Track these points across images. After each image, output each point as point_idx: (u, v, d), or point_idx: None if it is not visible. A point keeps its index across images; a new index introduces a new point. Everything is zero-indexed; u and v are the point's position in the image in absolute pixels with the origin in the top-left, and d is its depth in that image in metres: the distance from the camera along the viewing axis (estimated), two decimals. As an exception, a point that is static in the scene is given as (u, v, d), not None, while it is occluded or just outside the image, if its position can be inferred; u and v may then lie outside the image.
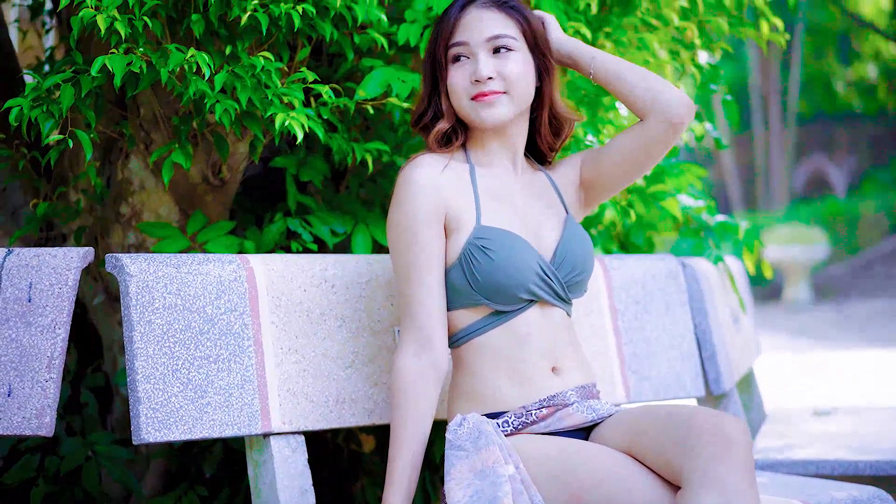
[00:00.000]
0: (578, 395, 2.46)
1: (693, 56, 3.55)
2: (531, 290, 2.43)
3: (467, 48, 2.47)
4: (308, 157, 3.03)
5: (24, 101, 2.51)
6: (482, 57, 2.45)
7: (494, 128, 2.49)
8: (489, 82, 2.45)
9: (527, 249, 2.44)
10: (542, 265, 2.44)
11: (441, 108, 2.52)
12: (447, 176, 2.47)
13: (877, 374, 9.19)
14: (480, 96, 2.45)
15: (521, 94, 2.48)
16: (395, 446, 2.38)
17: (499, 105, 2.46)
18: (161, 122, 2.89)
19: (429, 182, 2.45)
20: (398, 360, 2.42)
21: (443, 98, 2.52)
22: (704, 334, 3.36)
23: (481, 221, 2.44)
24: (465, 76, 2.47)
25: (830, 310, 16.21)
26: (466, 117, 2.50)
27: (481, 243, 2.41)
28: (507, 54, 2.46)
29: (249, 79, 2.56)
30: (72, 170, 3.07)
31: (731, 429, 2.14)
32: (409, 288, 2.43)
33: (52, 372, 2.31)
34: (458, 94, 2.48)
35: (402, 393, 2.39)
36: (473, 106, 2.47)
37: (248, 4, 2.53)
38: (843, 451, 3.20)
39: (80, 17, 2.44)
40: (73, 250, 2.37)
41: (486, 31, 2.46)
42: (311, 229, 2.94)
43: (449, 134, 2.54)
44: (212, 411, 2.40)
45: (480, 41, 2.46)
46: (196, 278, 2.44)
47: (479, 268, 2.40)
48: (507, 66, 2.45)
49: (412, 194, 2.44)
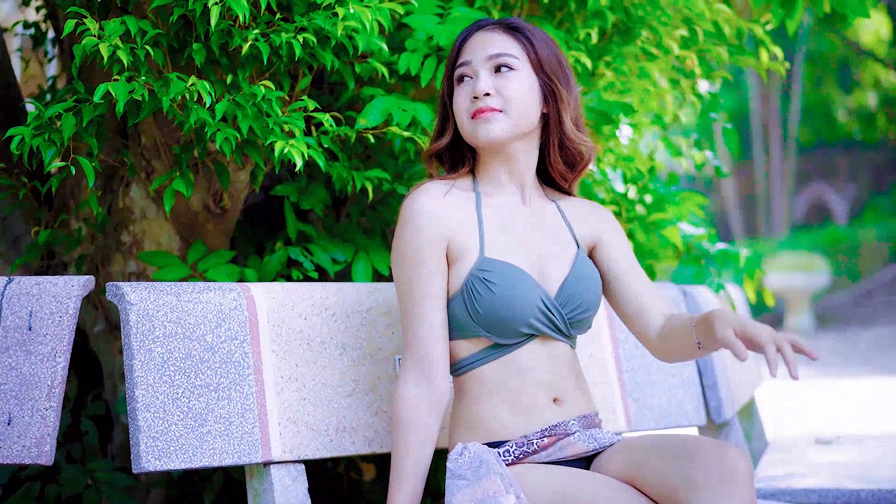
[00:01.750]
0: (580, 424, 2.45)
1: (693, 85, 3.56)
2: (532, 324, 2.41)
3: (470, 67, 2.46)
4: (309, 185, 3.04)
5: (26, 130, 2.52)
6: (482, 74, 2.44)
7: (493, 146, 2.46)
8: (486, 98, 2.42)
9: (530, 284, 2.41)
10: (544, 300, 2.42)
11: (446, 132, 2.52)
12: (451, 204, 2.46)
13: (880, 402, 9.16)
14: (478, 113, 2.43)
15: (521, 114, 2.45)
16: (395, 476, 2.37)
17: (494, 122, 2.43)
18: (162, 151, 2.90)
19: (432, 210, 2.43)
20: (399, 390, 2.41)
21: (448, 121, 2.52)
22: (706, 362, 3.35)
23: (485, 253, 2.42)
24: (467, 95, 2.45)
25: (832, 338, 16.18)
26: (468, 137, 2.47)
27: (483, 275, 2.39)
28: (508, 73, 2.44)
29: (250, 107, 2.57)
30: (73, 198, 3.08)
31: (734, 460, 2.13)
32: (411, 317, 2.42)
33: (52, 400, 2.30)
34: (461, 113, 2.46)
35: (403, 422, 2.39)
36: (473, 124, 2.44)
37: (250, 34, 2.54)
38: (845, 480, 3.18)
39: (83, 45, 2.45)
40: (73, 279, 2.37)
41: (488, 49, 2.45)
42: (312, 257, 2.94)
43: (455, 157, 2.54)
44: (212, 440, 2.39)
45: (482, 59, 2.44)
46: (196, 307, 2.44)
47: (481, 300, 2.38)
48: (507, 83, 2.43)
49: (415, 224, 2.43)
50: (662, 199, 3.58)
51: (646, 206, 3.68)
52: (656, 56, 3.34)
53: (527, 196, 2.54)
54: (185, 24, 2.62)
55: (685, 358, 2.42)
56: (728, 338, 2.15)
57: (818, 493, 3.10)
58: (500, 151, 2.48)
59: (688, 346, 2.35)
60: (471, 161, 2.53)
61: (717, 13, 3.45)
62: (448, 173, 2.53)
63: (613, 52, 3.24)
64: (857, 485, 3.09)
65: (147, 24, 2.54)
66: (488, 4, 3.01)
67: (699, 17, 3.34)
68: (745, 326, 2.15)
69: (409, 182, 3.07)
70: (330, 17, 2.61)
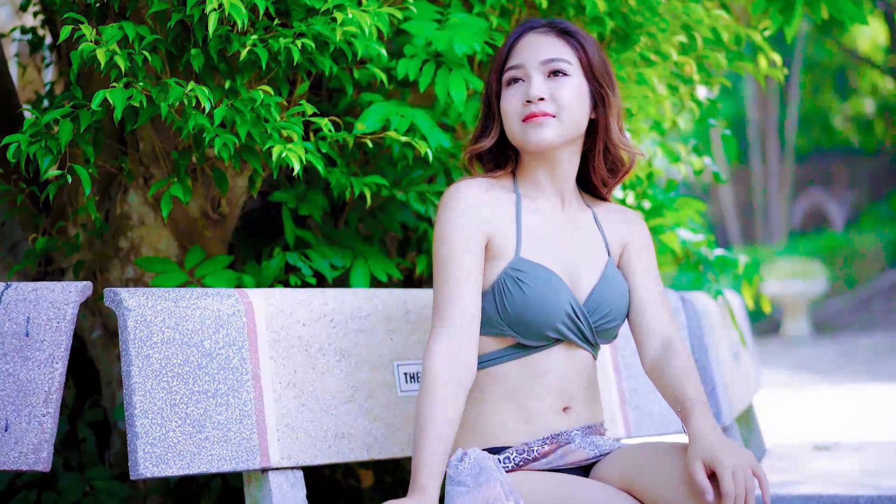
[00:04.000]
0: (582, 433, 2.44)
1: (692, 91, 3.56)
2: (559, 329, 2.40)
3: (522, 71, 2.45)
4: (307, 191, 3.04)
5: (23, 137, 2.51)
6: (536, 78, 2.43)
7: (541, 151, 2.45)
8: (540, 103, 2.41)
9: (561, 288, 2.40)
10: (574, 306, 2.41)
11: (488, 132, 2.51)
12: (492, 199, 2.45)
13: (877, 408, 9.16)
14: (531, 117, 2.42)
15: (573, 119, 2.44)
16: (422, 428, 2.28)
17: (547, 127, 2.42)
18: (160, 157, 2.89)
19: (475, 201, 2.43)
20: (429, 349, 2.35)
21: (494, 121, 2.51)
22: (704, 369, 3.35)
23: (520, 253, 2.42)
24: (519, 98, 2.44)
25: (830, 344, 16.19)
26: (517, 140, 2.46)
27: (517, 275, 2.39)
28: (561, 79, 2.44)
29: (249, 113, 2.57)
30: (71, 204, 3.07)
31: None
32: (447, 293, 2.38)
33: (49, 407, 2.30)
34: (511, 116, 2.45)
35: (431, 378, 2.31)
36: (523, 128, 2.43)
37: (248, 39, 2.54)
38: (843, 486, 3.18)
39: (80, 51, 2.45)
40: (71, 284, 2.36)
41: (541, 54, 2.44)
42: (311, 263, 2.94)
43: (498, 157, 2.53)
44: (210, 446, 2.38)
45: (535, 63, 2.44)
46: (194, 312, 2.43)
47: (511, 300, 2.38)
48: (561, 89, 2.42)
49: (458, 210, 2.42)
50: (661, 205, 3.58)
51: (644, 211, 3.68)
52: (655, 62, 3.34)
53: (566, 201, 2.54)
54: (184, 29, 2.61)
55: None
56: (695, 472, 2.13)
57: (816, 499, 3.09)
58: (546, 156, 2.47)
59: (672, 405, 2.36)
60: (513, 162, 2.53)
61: (716, 19, 3.45)
62: (488, 173, 2.53)
63: (612, 58, 3.24)
64: (855, 491, 3.09)
65: (145, 29, 2.54)
66: (487, 10, 3.01)
67: (698, 24, 3.34)
68: (713, 462, 2.12)
69: (407, 188, 3.07)
70: (328, 22, 2.61)
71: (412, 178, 3.09)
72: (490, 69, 2.52)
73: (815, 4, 3.26)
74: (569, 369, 2.44)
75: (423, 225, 3.17)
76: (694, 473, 2.13)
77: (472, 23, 2.84)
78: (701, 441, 2.17)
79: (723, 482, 2.09)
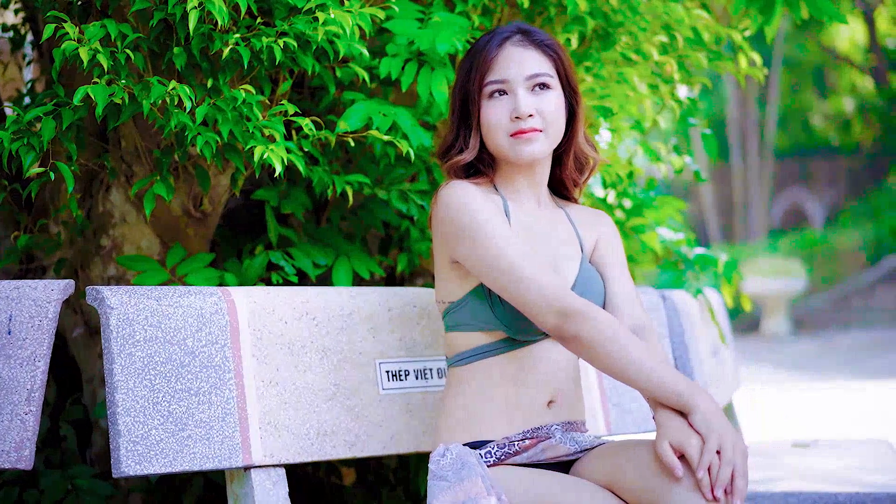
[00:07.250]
0: (563, 429, 2.46)
1: (672, 90, 3.57)
2: None
3: (507, 85, 2.47)
4: (289, 189, 3.04)
5: (5, 133, 2.51)
6: (522, 94, 2.46)
7: (529, 164, 2.51)
8: (529, 119, 2.45)
9: None
10: None
11: (468, 143, 2.52)
12: (487, 200, 2.47)
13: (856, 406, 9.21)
14: (520, 133, 2.45)
15: (557, 130, 2.50)
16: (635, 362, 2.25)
17: (536, 142, 2.46)
18: (142, 155, 2.89)
19: (476, 191, 2.45)
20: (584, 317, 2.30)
21: (473, 133, 2.52)
22: (685, 367, 3.37)
23: None
24: (504, 113, 2.47)
25: (809, 342, 16.27)
26: (502, 153, 2.49)
27: None
28: (544, 92, 2.48)
29: (231, 111, 2.57)
30: (53, 202, 3.07)
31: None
32: (519, 273, 2.35)
33: (31, 405, 2.30)
34: (496, 130, 2.47)
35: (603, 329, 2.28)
36: (512, 143, 2.47)
37: (230, 38, 2.54)
38: (823, 483, 3.20)
39: (63, 49, 2.45)
40: (53, 283, 2.36)
41: (525, 69, 2.47)
42: (293, 261, 2.94)
43: (477, 166, 2.54)
44: (192, 444, 2.39)
45: (520, 79, 2.46)
46: (177, 311, 2.43)
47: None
48: (545, 103, 2.47)
49: (467, 198, 2.42)
50: (641, 204, 3.59)
51: (625, 210, 3.70)
52: (636, 61, 3.35)
53: (541, 203, 2.59)
54: (166, 27, 2.61)
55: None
56: (662, 453, 2.15)
57: (796, 496, 3.11)
58: (528, 164, 2.52)
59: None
60: (492, 170, 2.55)
61: (697, 19, 3.47)
62: (469, 178, 2.54)
63: (593, 58, 3.25)
64: (834, 488, 3.11)
65: (127, 27, 2.54)
66: (469, 9, 3.02)
67: (678, 23, 3.36)
68: (682, 445, 2.14)
69: (389, 187, 3.07)
70: (311, 21, 2.61)
71: (394, 177, 3.10)
72: (467, 77, 2.51)
73: (795, 4, 3.28)
74: (556, 364, 2.47)
75: (405, 223, 3.18)
76: (662, 454, 2.14)
77: (454, 22, 2.85)
78: (671, 427, 2.18)
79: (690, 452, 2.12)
